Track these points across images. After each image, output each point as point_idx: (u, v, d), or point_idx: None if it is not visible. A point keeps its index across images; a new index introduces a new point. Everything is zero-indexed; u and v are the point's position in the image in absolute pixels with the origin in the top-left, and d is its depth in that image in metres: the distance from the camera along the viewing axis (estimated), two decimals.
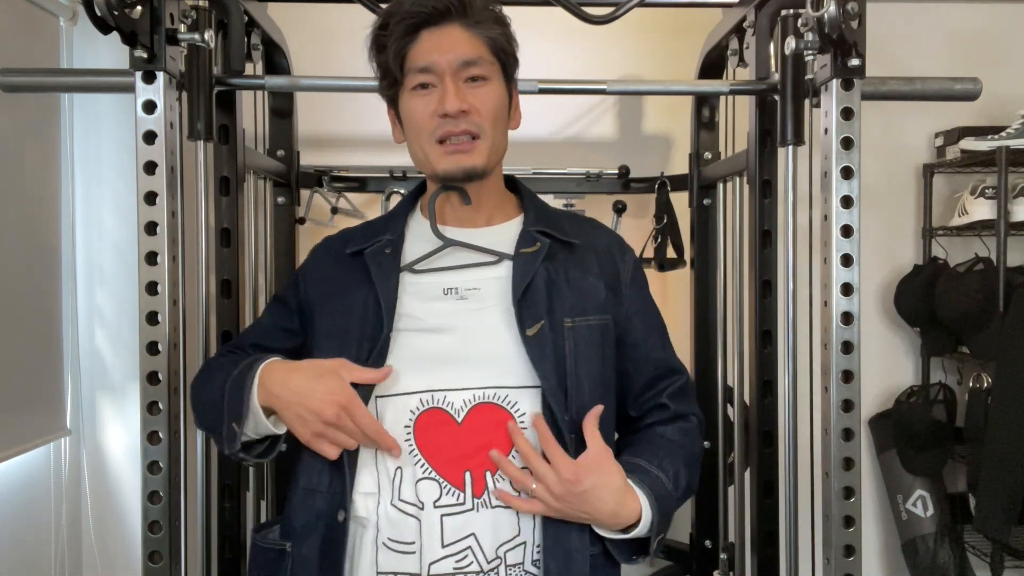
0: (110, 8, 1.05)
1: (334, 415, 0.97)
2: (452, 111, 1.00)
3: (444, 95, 1.01)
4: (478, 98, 1.03)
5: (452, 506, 0.99)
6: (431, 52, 1.01)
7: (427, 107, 1.02)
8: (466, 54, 1.02)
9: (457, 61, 1.01)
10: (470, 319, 1.04)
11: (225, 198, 1.53)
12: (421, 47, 1.02)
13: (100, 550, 2.32)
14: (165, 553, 1.21)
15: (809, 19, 1.16)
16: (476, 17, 1.03)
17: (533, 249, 1.07)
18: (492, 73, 1.05)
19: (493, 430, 1.01)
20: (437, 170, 1.05)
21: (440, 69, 1.01)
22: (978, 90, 1.32)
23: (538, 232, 1.09)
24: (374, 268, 1.07)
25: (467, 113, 1.02)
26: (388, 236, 1.11)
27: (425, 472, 0.99)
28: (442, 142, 1.03)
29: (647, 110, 2.41)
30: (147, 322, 1.20)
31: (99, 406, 2.31)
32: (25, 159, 2.04)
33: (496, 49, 1.05)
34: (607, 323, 1.09)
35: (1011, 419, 2.02)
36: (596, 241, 1.14)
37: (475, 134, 1.03)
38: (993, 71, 2.24)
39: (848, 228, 1.22)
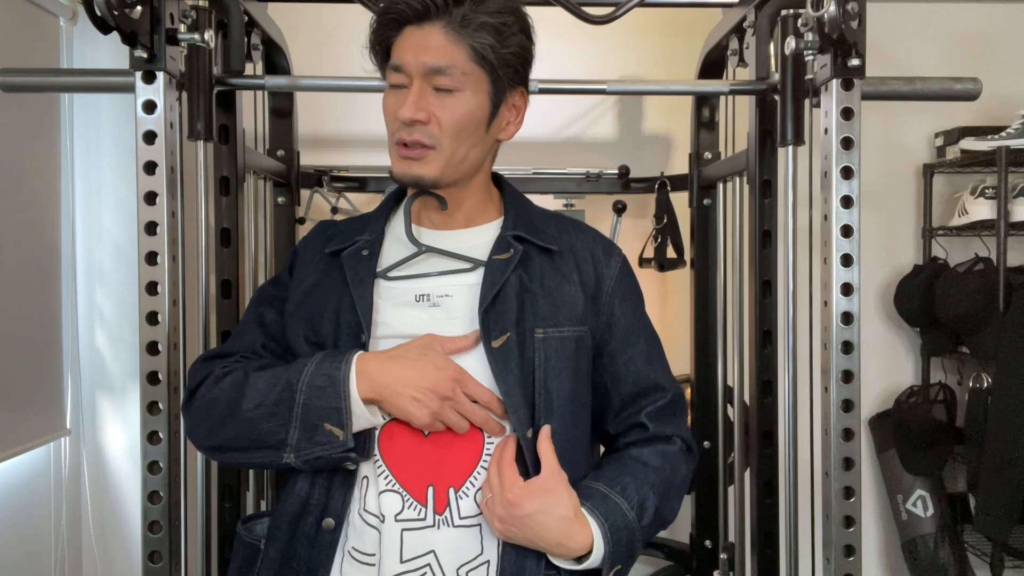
0: (110, 8, 1.05)
1: (450, 389, 0.94)
2: (404, 119, 0.97)
3: (404, 99, 0.97)
4: (443, 109, 0.98)
5: (413, 520, 0.96)
6: (405, 51, 0.98)
7: (393, 107, 0.99)
8: (436, 60, 0.96)
9: (425, 66, 0.96)
10: (440, 328, 1.01)
11: (225, 198, 1.53)
12: (401, 43, 0.99)
13: (100, 550, 2.32)
14: (165, 553, 1.21)
15: (809, 19, 1.16)
16: (462, 21, 0.96)
17: (506, 256, 1.02)
18: (466, 83, 0.98)
19: (459, 445, 0.98)
20: (392, 172, 1.03)
21: (409, 70, 0.98)
22: (978, 90, 1.32)
23: (513, 237, 1.04)
24: (350, 273, 1.04)
25: (424, 123, 0.97)
26: (366, 237, 1.08)
27: (388, 484, 0.97)
28: (404, 145, 1.00)
29: (647, 110, 2.41)
30: (147, 322, 1.20)
31: (99, 406, 2.31)
32: (25, 159, 2.04)
33: (478, 58, 0.97)
34: (583, 334, 1.04)
35: (1011, 419, 2.03)
36: (579, 245, 1.09)
37: (429, 145, 0.99)
38: (993, 71, 2.25)
39: (848, 228, 1.22)
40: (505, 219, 1.08)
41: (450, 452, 0.98)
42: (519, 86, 1.05)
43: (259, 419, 0.95)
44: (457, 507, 0.97)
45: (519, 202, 1.12)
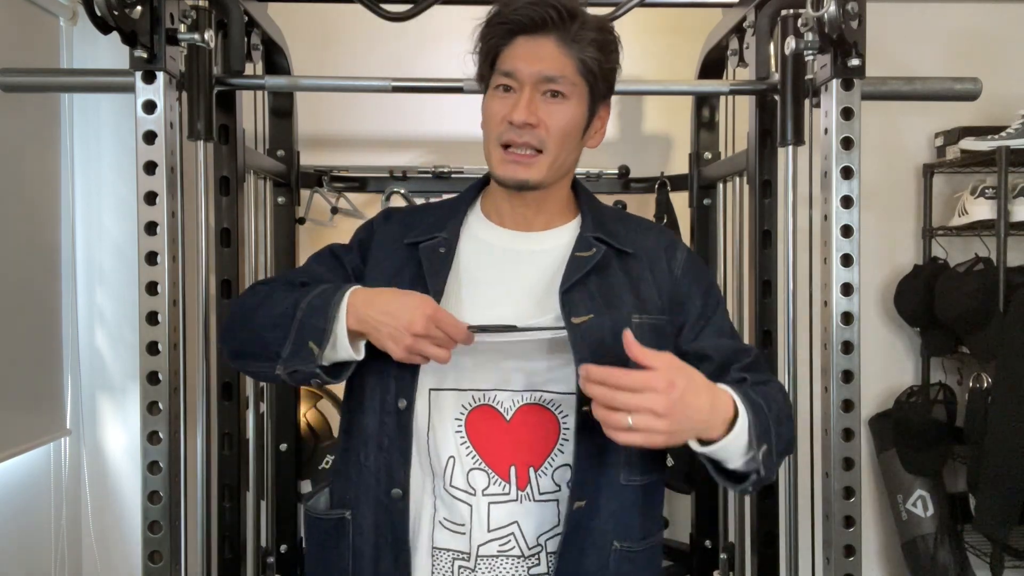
0: (110, 8, 1.05)
1: (423, 327, 0.97)
2: (518, 121, 1.02)
3: (517, 103, 1.03)
4: (551, 114, 1.04)
5: (498, 495, 1.04)
6: (518, 59, 1.03)
7: (501, 109, 1.04)
8: (549, 69, 1.03)
9: (539, 74, 1.03)
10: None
11: (225, 198, 1.53)
12: (513, 51, 1.04)
13: (100, 550, 2.32)
14: (165, 553, 1.21)
15: (809, 19, 1.16)
16: (573, 35, 1.03)
17: (588, 253, 1.08)
18: (573, 93, 1.05)
19: (539, 429, 1.05)
20: (495, 173, 1.07)
21: (522, 77, 1.03)
22: (978, 90, 1.32)
23: (595, 239, 1.09)
24: (427, 264, 1.08)
25: (533, 127, 1.03)
26: (444, 235, 1.11)
27: (475, 463, 1.05)
28: (506, 147, 1.05)
29: (647, 110, 2.41)
30: (147, 322, 1.20)
31: (99, 406, 2.31)
32: (25, 159, 2.04)
33: (584, 70, 1.04)
34: (663, 322, 1.09)
35: (1011, 419, 2.02)
36: (649, 244, 1.14)
37: (538, 148, 1.05)
38: (993, 71, 2.24)
39: (848, 228, 1.22)
40: (583, 220, 1.13)
41: (531, 435, 1.04)
42: (607, 99, 1.13)
43: (266, 328, 1.03)
44: (537, 484, 1.04)
45: (593, 203, 1.17)
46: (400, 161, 2.28)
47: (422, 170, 2.16)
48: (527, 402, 1.05)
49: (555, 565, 1.02)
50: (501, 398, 1.05)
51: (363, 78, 1.52)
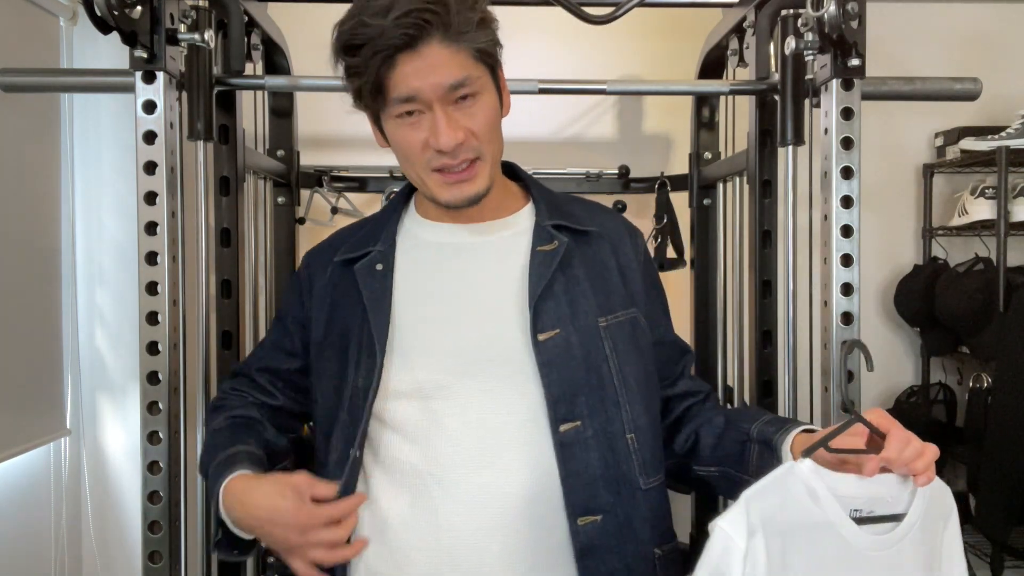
0: (110, 8, 1.05)
1: (298, 540, 0.91)
2: (447, 147, 0.92)
3: (436, 128, 0.92)
4: (473, 119, 0.94)
5: None
6: (413, 79, 0.90)
7: (416, 138, 0.94)
8: (452, 76, 0.91)
9: (443, 87, 0.91)
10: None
11: (225, 198, 1.53)
12: (400, 73, 0.90)
13: (100, 550, 2.32)
14: (165, 553, 1.21)
15: (809, 19, 1.16)
16: (456, 27, 0.90)
17: (551, 247, 1.00)
18: (481, 85, 0.95)
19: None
20: (439, 200, 0.98)
21: (426, 97, 0.92)
22: (978, 90, 1.32)
23: (553, 227, 1.02)
24: (366, 291, 1.01)
25: (463, 143, 0.94)
26: (379, 247, 1.04)
27: None
28: (440, 170, 0.96)
29: (647, 110, 2.41)
30: (147, 322, 1.20)
31: (99, 406, 2.31)
32: (25, 159, 2.04)
33: (480, 56, 0.94)
34: (635, 315, 1.04)
35: (1011, 419, 2.02)
36: (609, 226, 1.08)
37: (474, 158, 0.96)
38: (993, 71, 2.24)
39: (848, 228, 1.23)
40: (537, 206, 1.06)
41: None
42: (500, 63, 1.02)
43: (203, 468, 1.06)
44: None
45: (540, 187, 1.10)
46: None
47: None
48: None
49: None
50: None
51: None
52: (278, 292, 1.94)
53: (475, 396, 0.96)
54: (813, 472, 0.81)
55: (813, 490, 0.81)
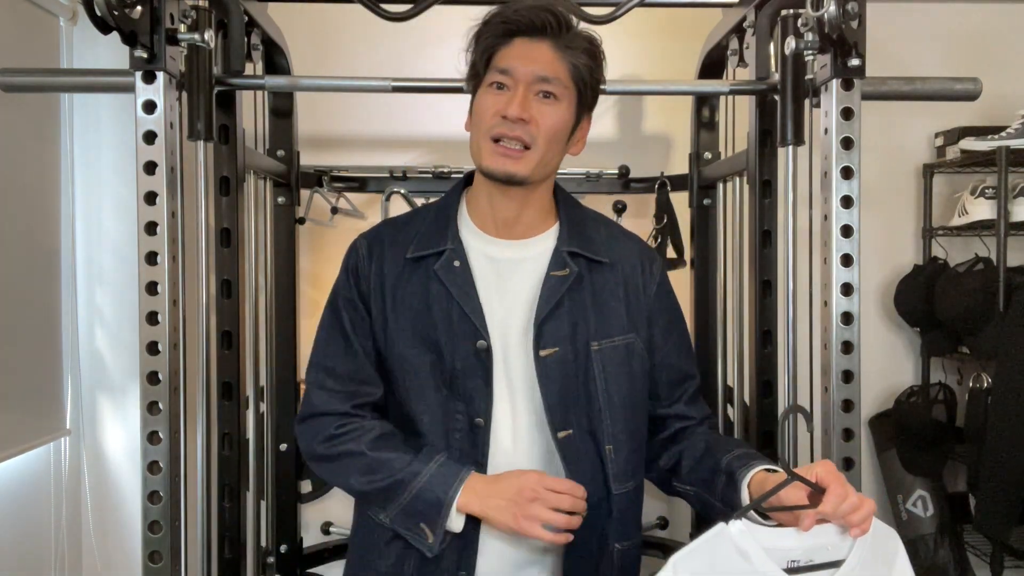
0: (110, 8, 1.05)
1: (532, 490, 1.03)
2: (512, 115, 1.05)
3: (511, 99, 1.06)
4: (542, 113, 1.07)
5: None
6: (515, 58, 1.07)
7: (494, 104, 1.07)
8: (545, 70, 1.07)
9: (534, 74, 1.07)
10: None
11: (225, 198, 1.53)
12: (510, 51, 1.08)
13: (100, 550, 2.32)
14: (165, 553, 1.21)
15: (809, 19, 1.16)
16: (568, 42, 1.08)
17: (563, 273, 1.12)
18: (564, 96, 1.09)
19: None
20: (482, 164, 1.10)
21: (517, 75, 1.07)
22: (978, 90, 1.32)
23: (569, 254, 1.13)
24: (452, 287, 1.11)
25: (526, 123, 1.06)
26: (450, 246, 1.13)
27: None
28: (497, 140, 1.08)
29: (647, 110, 2.41)
30: (147, 322, 1.20)
31: (99, 406, 2.31)
32: (25, 159, 2.04)
33: (576, 76, 1.09)
34: (631, 341, 1.15)
35: (1011, 419, 2.02)
36: (626, 254, 1.19)
37: (527, 144, 1.08)
38: (993, 71, 2.24)
39: (848, 228, 1.23)
40: (560, 229, 1.16)
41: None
42: (590, 110, 1.17)
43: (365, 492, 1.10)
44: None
45: (571, 208, 1.21)
46: (400, 161, 2.28)
47: (422, 170, 2.16)
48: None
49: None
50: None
51: (363, 78, 1.52)
52: (278, 292, 1.94)
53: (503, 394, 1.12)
54: (744, 531, 0.88)
55: (744, 550, 0.87)
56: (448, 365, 1.10)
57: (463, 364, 1.09)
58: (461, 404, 1.09)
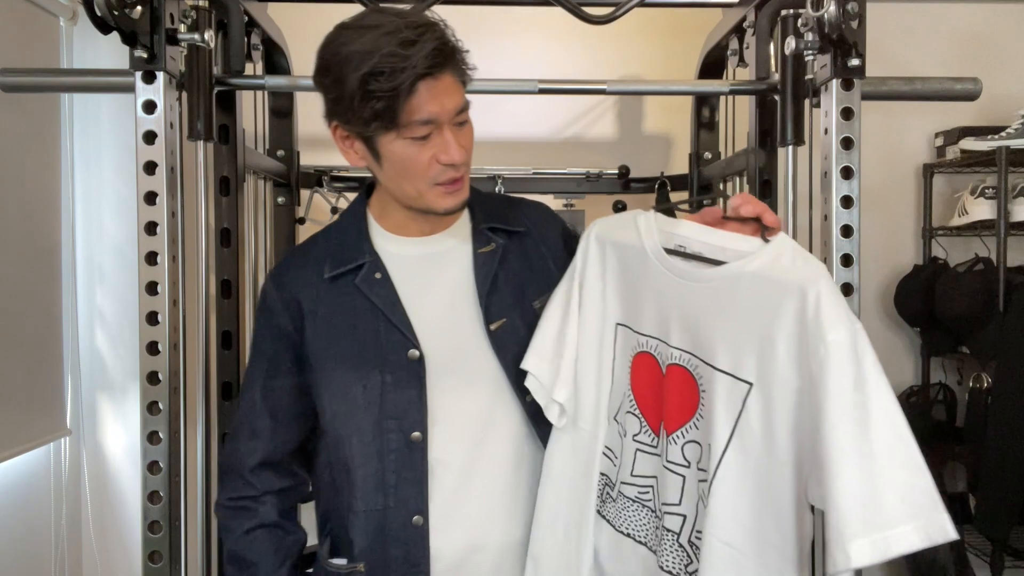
0: (110, 8, 1.05)
1: None
2: (459, 161, 1.04)
3: (446, 145, 1.03)
4: (466, 139, 1.07)
5: (646, 445, 1.07)
6: (432, 103, 1.01)
7: (426, 154, 1.04)
8: (459, 103, 1.04)
9: (454, 110, 1.04)
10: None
11: (225, 198, 1.53)
12: (420, 98, 1.00)
13: (100, 550, 2.32)
14: (165, 553, 1.21)
15: (809, 19, 1.16)
16: (461, 62, 1.05)
17: (489, 248, 1.14)
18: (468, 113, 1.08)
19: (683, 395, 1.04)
20: (437, 208, 1.08)
21: (442, 120, 1.03)
22: (978, 90, 1.31)
23: (489, 229, 1.15)
24: (376, 298, 1.10)
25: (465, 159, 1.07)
26: (368, 258, 1.12)
27: (632, 407, 1.08)
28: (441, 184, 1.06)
29: (647, 110, 2.41)
30: (147, 322, 1.20)
31: (99, 406, 2.31)
32: (25, 159, 2.04)
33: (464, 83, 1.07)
34: None
35: (1011, 419, 2.02)
36: (536, 220, 1.22)
37: (466, 173, 1.09)
38: (993, 71, 2.24)
39: (848, 228, 1.23)
40: (472, 212, 1.17)
41: (676, 399, 1.03)
42: None
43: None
44: (667, 449, 1.03)
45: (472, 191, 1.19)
46: None
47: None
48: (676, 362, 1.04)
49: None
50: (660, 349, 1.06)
51: None
52: None
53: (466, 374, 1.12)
54: (649, 216, 1.08)
55: (637, 224, 1.08)
56: (379, 380, 1.08)
57: (394, 377, 1.08)
58: (394, 421, 1.07)
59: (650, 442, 1.05)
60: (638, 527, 1.05)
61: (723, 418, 0.94)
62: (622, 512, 1.07)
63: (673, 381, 1.01)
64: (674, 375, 1.01)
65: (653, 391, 1.04)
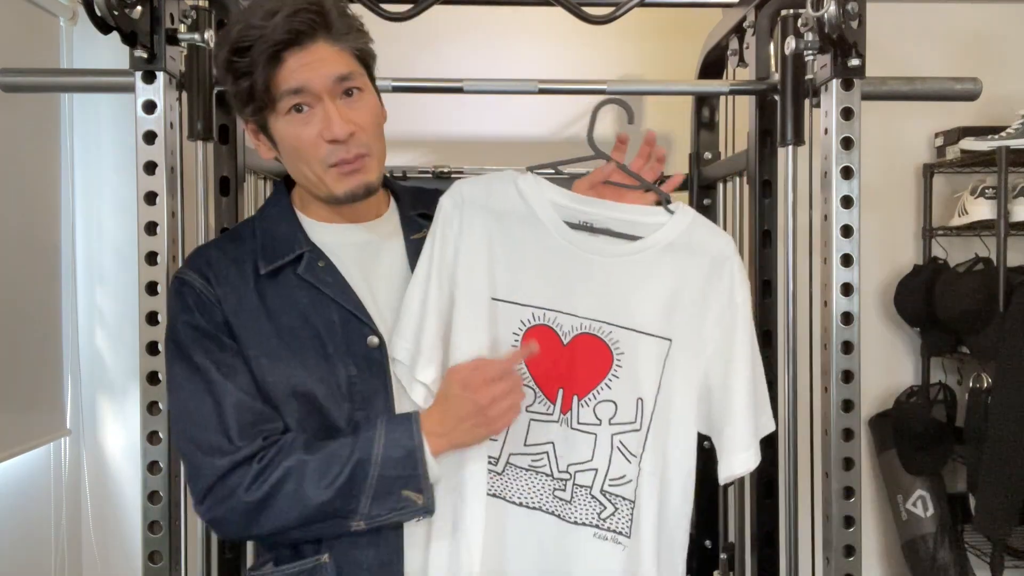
0: (110, 8, 1.05)
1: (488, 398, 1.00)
2: (341, 136, 0.98)
3: (328, 119, 0.98)
4: (359, 115, 1.01)
5: (540, 414, 1.07)
6: (301, 72, 0.96)
7: (310, 131, 0.99)
8: (339, 69, 0.98)
9: (331, 77, 0.98)
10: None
11: (225, 198, 1.53)
12: (288, 68, 0.96)
13: (100, 550, 2.32)
14: (165, 553, 1.21)
15: (809, 19, 1.16)
16: (339, 29, 0.99)
17: (421, 234, 1.12)
18: (364, 84, 1.03)
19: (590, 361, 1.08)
20: (337, 193, 1.03)
21: (315, 88, 0.97)
22: (978, 90, 1.31)
23: (419, 216, 1.14)
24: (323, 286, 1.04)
25: (354, 135, 1.00)
26: (306, 248, 1.06)
27: (524, 380, 1.07)
28: (335, 165, 1.01)
29: (647, 110, 2.41)
30: (147, 322, 1.20)
31: (99, 406, 2.31)
32: (25, 159, 2.04)
33: (360, 57, 1.02)
34: None
35: (1011, 419, 2.03)
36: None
37: (364, 152, 1.02)
38: (993, 71, 2.24)
39: (848, 228, 1.23)
40: (400, 201, 1.17)
41: (585, 365, 1.07)
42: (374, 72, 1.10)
43: (329, 498, 0.97)
44: (577, 413, 1.07)
45: (394, 182, 1.20)
46: (399, 161, 2.28)
47: (422, 170, 2.15)
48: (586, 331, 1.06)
49: None
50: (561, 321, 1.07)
51: None
52: None
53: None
54: (532, 181, 1.09)
55: (523, 192, 1.09)
56: (340, 373, 1.02)
57: (357, 367, 1.02)
58: (361, 413, 1.02)
59: (545, 410, 1.07)
60: (532, 494, 1.07)
61: (649, 373, 1.07)
62: (512, 483, 1.06)
63: (580, 349, 1.07)
64: (582, 343, 1.07)
65: (551, 362, 1.07)
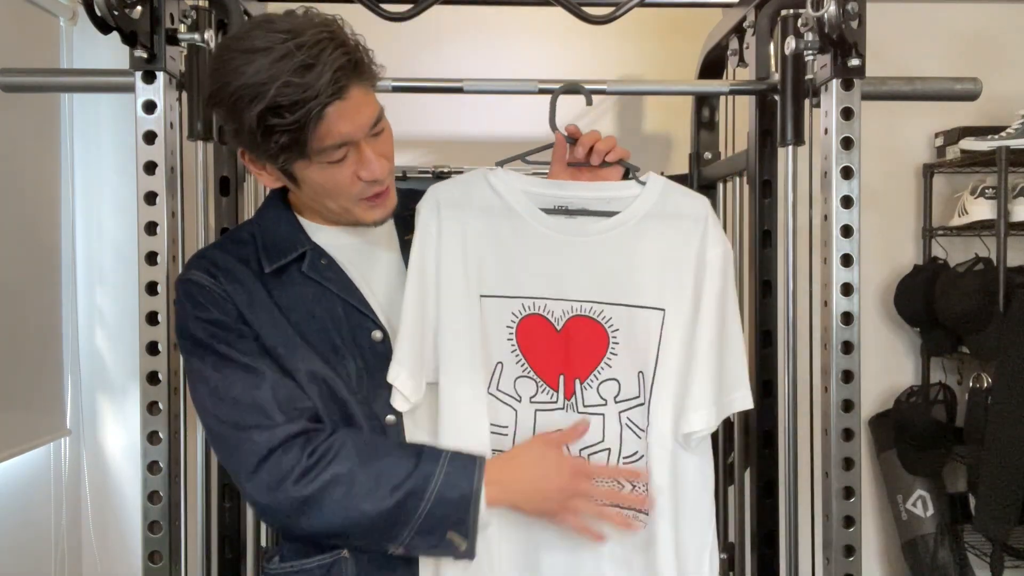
0: (110, 8, 1.05)
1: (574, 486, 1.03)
2: (382, 176, 1.02)
3: (366, 161, 1.00)
4: (386, 147, 1.05)
5: (545, 403, 1.10)
6: (342, 124, 0.96)
7: (345, 172, 1.01)
8: (372, 114, 1.00)
9: (369, 125, 1.00)
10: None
11: (225, 198, 1.53)
12: (329, 121, 0.95)
13: (100, 550, 2.32)
14: (165, 553, 1.21)
15: (809, 19, 1.16)
16: (366, 69, 0.99)
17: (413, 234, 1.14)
18: (383, 114, 1.04)
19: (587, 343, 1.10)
20: (367, 221, 1.07)
21: (357, 138, 0.99)
22: (978, 90, 1.31)
23: (411, 216, 1.15)
24: (328, 283, 1.07)
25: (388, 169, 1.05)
26: (308, 248, 1.08)
27: (524, 371, 1.10)
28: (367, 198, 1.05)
29: (647, 110, 2.41)
30: (147, 322, 1.20)
31: (99, 406, 2.31)
32: (25, 159, 2.04)
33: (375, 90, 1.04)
34: None
35: (1011, 419, 2.02)
36: None
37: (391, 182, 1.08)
38: (993, 71, 2.24)
39: (848, 228, 1.23)
40: None
41: (582, 347, 1.09)
42: None
43: (373, 519, 0.97)
44: (582, 396, 1.09)
45: None
46: (400, 161, 2.26)
47: (422, 170, 2.15)
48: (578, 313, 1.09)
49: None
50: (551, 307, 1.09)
51: None
52: None
53: None
54: (501, 176, 1.13)
55: (495, 187, 1.12)
56: (350, 365, 1.05)
57: (364, 360, 1.05)
58: (367, 407, 1.04)
59: (549, 399, 1.09)
60: None
61: (647, 345, 1.08)
62: None
63: (575, 332, 1.09)
64: (576, 326, 1.09)
65: (548, 349, 1.09)
